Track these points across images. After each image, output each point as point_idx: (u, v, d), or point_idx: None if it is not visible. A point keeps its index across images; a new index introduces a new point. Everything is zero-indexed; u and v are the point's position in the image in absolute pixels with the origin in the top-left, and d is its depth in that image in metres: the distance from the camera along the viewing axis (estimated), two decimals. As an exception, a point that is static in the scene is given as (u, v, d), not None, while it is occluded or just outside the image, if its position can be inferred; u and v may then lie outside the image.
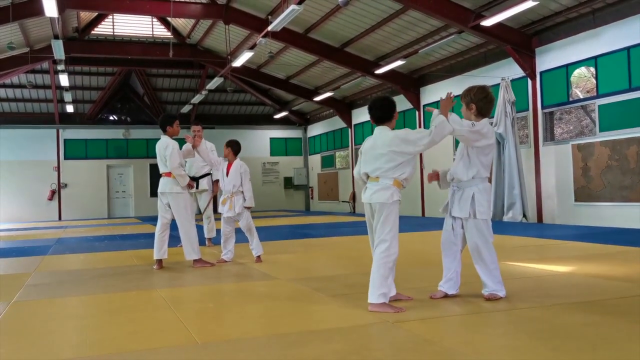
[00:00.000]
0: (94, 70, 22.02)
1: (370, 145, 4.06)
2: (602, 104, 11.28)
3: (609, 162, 11.01)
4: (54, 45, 13.51)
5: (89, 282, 5.59)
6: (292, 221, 15.93)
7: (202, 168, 8.62)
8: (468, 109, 4.17)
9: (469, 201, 4.03)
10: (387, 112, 4.11)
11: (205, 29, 18.99)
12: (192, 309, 4.17)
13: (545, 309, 3.68)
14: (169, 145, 6.50)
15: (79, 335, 3.59)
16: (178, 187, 6.43)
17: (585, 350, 2.79)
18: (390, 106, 4.12)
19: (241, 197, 6.76)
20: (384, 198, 3.87)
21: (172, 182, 6.47)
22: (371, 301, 3.77)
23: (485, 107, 4.15)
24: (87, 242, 10.68)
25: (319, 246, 8.69)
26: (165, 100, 24.30)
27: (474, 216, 4.01)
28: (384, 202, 3.86)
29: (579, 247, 7.33)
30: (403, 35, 14.86)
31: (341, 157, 23.58)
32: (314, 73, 19.70)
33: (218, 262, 6.70)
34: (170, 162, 6.40)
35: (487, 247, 4.04)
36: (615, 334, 3.09)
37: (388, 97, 4.23)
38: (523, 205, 12.49)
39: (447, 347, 2.93)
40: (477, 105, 4.13)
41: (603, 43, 11.08)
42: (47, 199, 22.62)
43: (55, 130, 22.96)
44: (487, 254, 4.03)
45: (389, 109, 4.11)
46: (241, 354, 2.94)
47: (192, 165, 8.61)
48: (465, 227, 4.08)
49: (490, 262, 4.04)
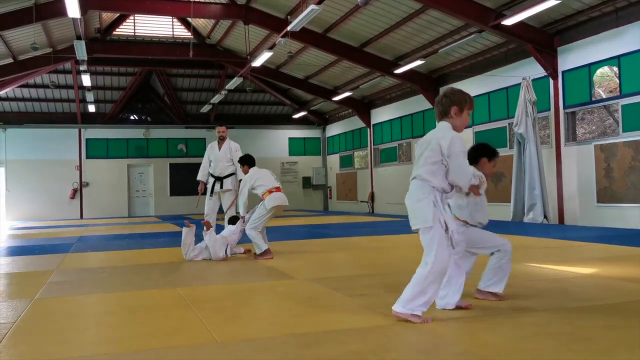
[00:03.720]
0: (115, 70, 22.27)
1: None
2: (626, 104, 11.10)
3: (632, 162, 10.84)
4: (76, 46, 13.68)
5: (109, 280, 5.65)
6: (311, 221, 15.95)
7: (227, 168, 8.68)
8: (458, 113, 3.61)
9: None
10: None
11: (225, 29, 19.09)
12: (210, 307, 4.19)
13: (566, 312, 3.63)
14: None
15: (99, 332, 3.63)
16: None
17: (604, 354, 2.75)
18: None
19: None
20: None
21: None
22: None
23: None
24: (107, 240, 10.80)
25: (338, 246, 8.68)
26: (185, 100, 24.48)
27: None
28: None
29: (601, 248, 7.22)
30: (422, 35, 14.78)
31: (360, 157, 23.53)
32: (332, 73, 19.69)
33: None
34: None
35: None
36: (637, 338, 3.04)
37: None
38: (544, 206, 12.35)
39: (466, 349, 2.91)
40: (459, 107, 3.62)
41: (626, 42, 10.91)
42: (69, 198, 22.93)
43: (77, 129, 23.27)
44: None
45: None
46: (259, 353, 2.95)
47: (217, 165, 8.70)
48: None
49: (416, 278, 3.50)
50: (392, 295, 4.16)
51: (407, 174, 18.07)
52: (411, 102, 18.54)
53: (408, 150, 19.43)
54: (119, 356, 2.98)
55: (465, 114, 3.59)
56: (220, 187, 8.61)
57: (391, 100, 19.87)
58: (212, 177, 8.75)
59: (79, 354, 3.05)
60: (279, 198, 6.90)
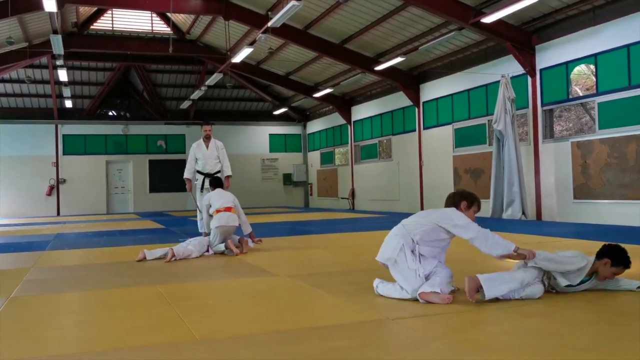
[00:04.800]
0: (93, 65, 21.97)
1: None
2: (602, 102, 11.27)
3: (608, 159, 11.01)
4: (52, 40, 13.47)
5: (87, 278, 5.58)
6: (291, 217, 15.93)
7: (216, 165, 9.04)
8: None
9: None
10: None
11: (205, 25, 18.95)
12: (191, 305, 4.16)
13: (546, 307, 3.67)
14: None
15: (78, 330, 3.58)
16: None
17: (586, 349, 2.78)
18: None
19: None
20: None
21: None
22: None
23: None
24: (85, 237, 10.67)
25: (319, 243, 8.68)
26: (165, 96, 24.27)
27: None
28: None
29: (577, 244, 7.32)
30: (403, 32, 14.84)
31: (340, 154, 23.56)
32: (313, 69, 19.67)
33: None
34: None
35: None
36: (616, 331, 3.08)
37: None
38: (522, 202, 12.49)
39: (448, 344, 2.93)
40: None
41: (603, 40, 11.07)
42: (45, 195, 22.61)
43: (54, 125, 22.94)
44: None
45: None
46: (240, 350, 2.93)
47: (206, 162, 9.02)
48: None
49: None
50: (373, 291, 4.18)
51: (387, 170, 18.24)
52: (392, 99, 18.61)
53: (388, 147, 19.50)
54: (98, 355, 2.94)
55: (473, 209, 4.21)
56: (210, 184, 8.86)
57: (372, 97, 19.92)
58: (200, 175, 9.05)
59: (57, 353, 3.00)
60: (220, 219, 7.13)
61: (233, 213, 7.21)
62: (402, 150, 18.13)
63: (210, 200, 7.42)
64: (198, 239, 7.26)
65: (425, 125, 16.92)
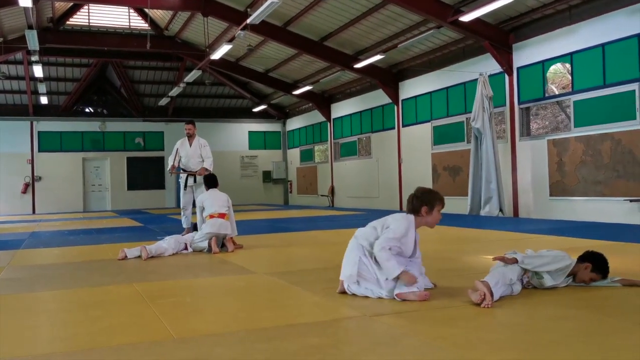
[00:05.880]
0: (69, 61, 21.67)
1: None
2: (577, 100, 11.44)
3: (583, 157, 11.18)
4: (27, 36, 13.26)
5: (63, 277, 5.51)
6: (271, 215, 15.91)
7: (199, 163, 9.19)
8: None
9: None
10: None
11: (184, 21, 18.81)
12: (169, 303, 4.13)
13: (522, 303, 3.72)
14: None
15: (54, 330, 3.54)
16: None
17: (560, 344, 2.83)
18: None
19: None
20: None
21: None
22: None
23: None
24: (61, 236, 10.53)
25: (298, 240, 8.68)
26: (143, 92, 24.03)
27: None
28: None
29: (552, 241, 7.43)
30: (382, 30, 14.89)
31: (320, 151, 23.58)
32: (293, 66, 19.64)
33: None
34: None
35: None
36: (590, 327, 3.14)
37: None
38: (500, 199, 12.63)
39: (424, 340, 2.95)
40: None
41: (579, 40, 11.23)
42: (20, 192, 22.25)
43: (29, 122, 22.59)
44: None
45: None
46: (218, 348, 2.93)
47: (189, 161, 9.19)
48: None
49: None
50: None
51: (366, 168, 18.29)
52: (371, 97, 18.67)
53: (368, 145, 19.57)
54: (74, 354, 2.91)
55: (436, 211, 3.96)
56: (194, 181, 9.17)
57: (351, 94, 19.96)
58: (184, 172, 9.25)
59: (32, 353, 2.96)
60: (213, 225, 7.06)
61: (226, 220, 7.17)
62: (382, 148, 18.21)
63: (204, 203, 7.27)
64: (175, 237, 7.20)
65: (404, 123, 17.00)
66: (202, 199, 7.40)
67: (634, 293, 3.89)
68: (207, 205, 7.21)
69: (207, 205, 7.21)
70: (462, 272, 5.08)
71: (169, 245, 6.91)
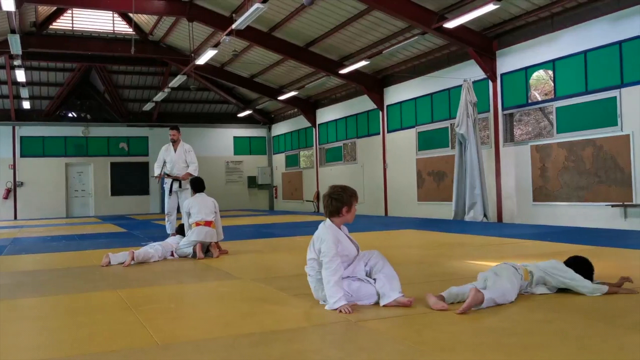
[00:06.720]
0: (52, 65, 21.49)
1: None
2: (560, 107, 11.58)
3: (565, 163, 11.31)
4: (10, 40, 13.14)
5: (46, 283, 5.45)
6: (256, 220, 15.87)
7: (184, 169, 9.26)
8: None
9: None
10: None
11: (169, 26, 18.75)
12: (153, 309, 4.11)
13: (506, 307, 3.75)
14: None
15: (37, 337, 3.50)
16: None
17: (542, 347, 2.86)
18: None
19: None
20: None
21: None
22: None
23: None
24: (44, 242, 10.41)
25: (283, 246, 8.67)
26: (127, 97, 23.89)
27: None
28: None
29: (535, 245, 7.50)
30: (367, 36, 14.96)
31: (305, 157, 23.59)
32: (278, 72, 19.65)
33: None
34: None
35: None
36: (573, 331, 3.17)
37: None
38: (484, 205, 12.72)
39: (408, 345, 2.96)
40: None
41: (561, 47, 11.38)
42: (2, 198, 21.98)
43: (11, 127, 22.34)
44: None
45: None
46: (203, 355, 2.92)
47: (174, 166, 9.26)
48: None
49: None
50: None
51: (352, 173, 18.28)
52: (356, 102, 18.73)
53: (353, 150, 19.62)
54: (56, 362, 2.88)
55: (354, 207, 3.97)
56: (179, 187, 9.24)
57: (336, 100, 20.01)
58: (169, 177, 9.31)
59: (13, 361, 2.93)
60: (199, 234, 7.02)
61: (212, 228, 7.14)
62: (367, 153, 18.26)
63: (191, 209, 7.20)
64: (162, 243, 7.15)
65: (389, 129, 17.08)
66: (188, 204, 7.34)
67: (619, 297, 3.93)
68: (194, 212, 7.15)
69: (194, 212, 7.16)
70: (447, 277, 5.11)
71: (155, 251, 6.86)
